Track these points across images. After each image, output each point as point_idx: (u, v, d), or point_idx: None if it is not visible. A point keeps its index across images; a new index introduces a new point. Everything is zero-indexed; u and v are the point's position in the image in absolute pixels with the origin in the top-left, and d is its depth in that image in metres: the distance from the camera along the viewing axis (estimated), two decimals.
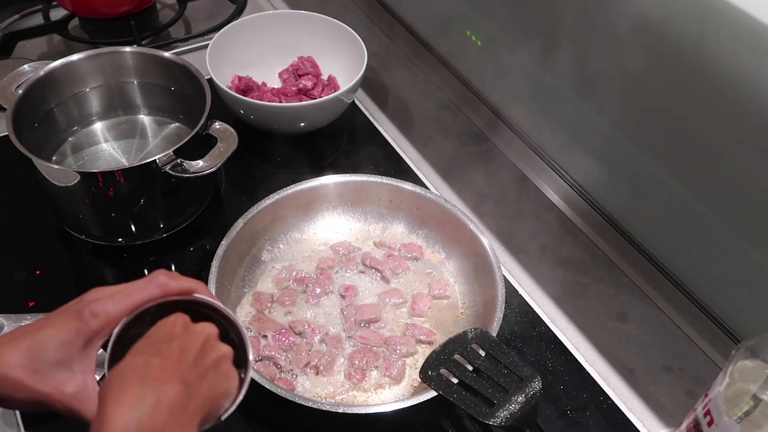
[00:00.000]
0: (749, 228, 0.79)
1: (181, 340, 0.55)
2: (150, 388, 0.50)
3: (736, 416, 0.64)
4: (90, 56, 1.04)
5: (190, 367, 0.54)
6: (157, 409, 0.50)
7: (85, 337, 0.56)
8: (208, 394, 0.55)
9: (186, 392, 0.52)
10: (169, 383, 0.51)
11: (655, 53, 0.81)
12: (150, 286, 0.58)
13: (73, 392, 0.55)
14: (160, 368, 0.52)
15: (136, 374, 0.51)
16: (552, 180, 1.08)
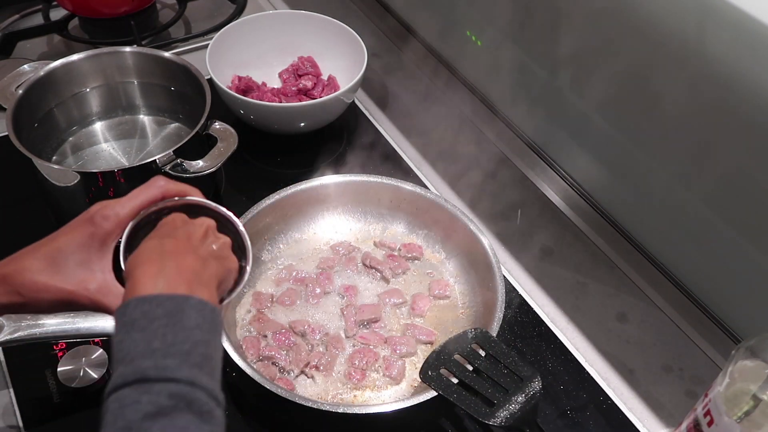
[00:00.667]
0: (749, 228, 0.79)
1: (184, 229, 0.61)
2: (168, 259, 0.56)
3: (736, 416, 0.64)
4: (90, 56, 1.04)
5: (198, 243, 0.60)
6: (179, 273, 0.55)
7: (100, 238, 0.61)
8: (218, 266, 0.60)
9: (200, 261, 0.58)
10: (183, 254, 0.57)
11: (655, 53, 0.81)
12: (151, 188, 0.64)
13: (96, 287, 0.60)
14: (174, 245, 0.58)
15: (153, 252, 0.57)
16: (552, 180, 1.08)
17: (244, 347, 0.84)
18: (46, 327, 0.78)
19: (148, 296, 0.53)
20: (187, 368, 0.50)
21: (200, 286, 0.56)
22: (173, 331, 0.51)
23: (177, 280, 0.55)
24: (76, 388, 0.81)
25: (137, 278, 0.55)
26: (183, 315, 0.52)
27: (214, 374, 0.53)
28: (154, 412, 0.48)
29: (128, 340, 0.51)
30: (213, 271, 0.59)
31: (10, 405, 0.82)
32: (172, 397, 0.48)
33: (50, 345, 0.86)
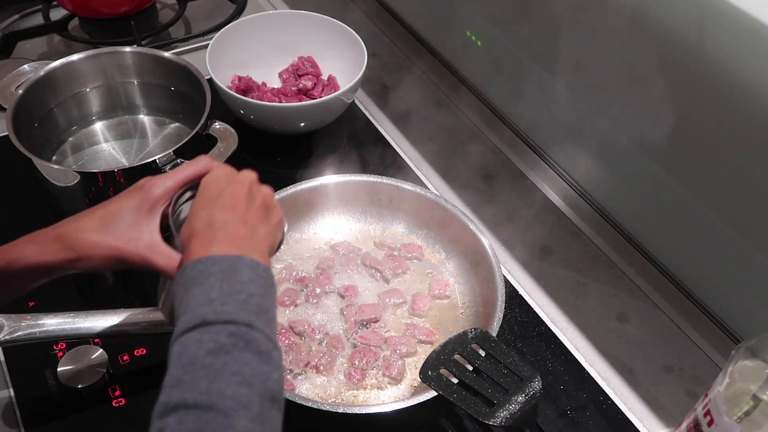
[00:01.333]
0: (749, 228, 0.79)
1: (229, 189, 0.64)
2: (219, 230, 0.60)
3: (736, 416, 0.64)
4: (90, 56, 1.04)
5: (244, 210, 0.63)
6: (231, 241, 0.59)
7: (149, 203, 0.66)
8: (265, 229, 0.64)
9: (249, 228, 0.62)
10: (231, 223, 0.61)
11: (656, 53, 0.81)
12: (197, 164, 0.69)
13: (145, 245, 0.65)
14: (223, 217, 0.61)
15: (205, 224, 0.61)
16: (552, 180, 1.08)
17: None
18: (46, 327, 0.78)
19: (203, 257, 0.57)
20: (244, 313, 0.54)
21: (251, 250, 0.59)
22: (229, 284, 0.55)
23: (229, 247, 0.58)
24: (76, 388, 0.81)
25: (192, 248, 0.59)
26: (237, 271, 0.56)
27: (270, 325, 0.56)
28: (216, 348, 0.51)
29: (187, 295, 0.55)
30: (261, 235, 0.63)
31: (10, 405, 0.82)
32: (232, 336, 0.52)
33: (50, 345, 0.86)
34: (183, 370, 0.51)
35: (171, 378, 0.51)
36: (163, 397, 0.50)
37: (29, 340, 0.77)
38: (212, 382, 0.50)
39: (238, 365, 0.51)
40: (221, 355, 0.51)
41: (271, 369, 0.53)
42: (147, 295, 0.96)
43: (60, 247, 0.64)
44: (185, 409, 0.49)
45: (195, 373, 0.50)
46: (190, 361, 0.51)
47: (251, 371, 0.51)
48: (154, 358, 0.87)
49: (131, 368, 0.86)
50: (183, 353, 0.52)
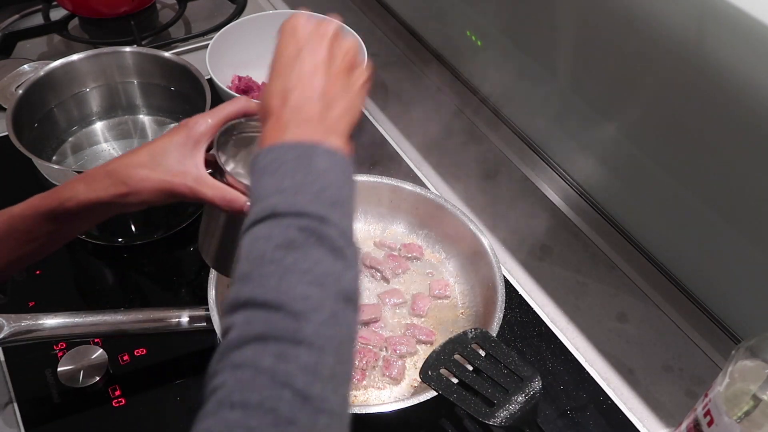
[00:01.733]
0: (749, 228, 0.79)
1: (308, 48, 0.60)
2: (294, 110, 0.57)
3: (736, 416, 0.64)
4: (90, 56, 1.04)
5: (323, 79, 0.59)
6: (306, 126, 0.56)
7: (194, 139, 0.68)
8: (346, 100, 0.60)
9: (326, 103, 0.58)
10: (307, 102, 0.57)
11: (655, 53, 0.81)
12: (235, 104, 0.70)
13: (193, 178, 0.66)
14: (298, 92, 0.58)
15: (277, 100, 0.58)
16: (552, 180, 1.08)
17: None
18: (46, 327, 0.78)
19: (277, 144, 0.55)
20: (317, 205, 0.51)
21: (330, 133, 0.56)
22: (303, 172, 0.52)
23: (304, 131, 0.56)
24: (76, 388, 0.81)
25: (266, 132, 0.57)
26: (313, 159, 0.53)
27: (346, 217, 0.52)
28: (285, 244, 0.48)
29: (259, 184, 0.53)
30: (341, 110, 0.59)
31: (10, 405, 0.82)
32: (302, 230, 0.49)
33: (50, 345, 0.86)
34: (251, 264, 0.48)
35: (240, 272, 0.49)
36: (233, 291, 0.48)
37: (29, 340, 0.77)
38: (281, 280, 0.47)
39: (309, 263, 0.48)
40: (291, 251, 0.48)
41: (345, 267, 0.49)
42: (147, 295, 0.96)
43: (111, 183, 0.66)
44: (253, 308, 0.46)
45: (263, 270, 0.48)
46: (258, 255, 0.48)
47: (323, 269, 0.48)
48: (154, 358, 0.87)
49: (131, 368, 0.86)
50: (252, 247, 0.49)
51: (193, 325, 0.82)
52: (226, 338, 0.46)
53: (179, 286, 0.97)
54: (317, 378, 0.44)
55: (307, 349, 0.45)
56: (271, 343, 0.45)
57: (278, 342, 0.45)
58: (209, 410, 0.44)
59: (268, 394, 0.43)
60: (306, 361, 0.44)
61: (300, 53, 0.60)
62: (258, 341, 0.45)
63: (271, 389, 0.43)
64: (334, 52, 0.61)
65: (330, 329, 0.46)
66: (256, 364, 0.44)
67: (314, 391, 0.44)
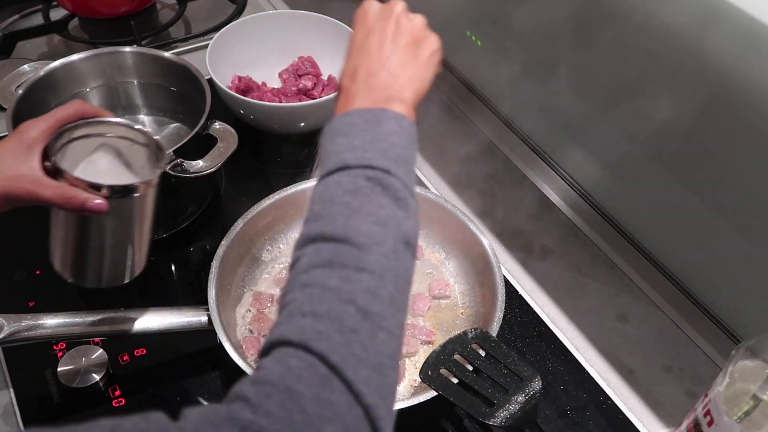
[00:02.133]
0: (749, 228, 0.79)
1: (377, 28, 0.65)
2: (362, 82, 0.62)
3: (736, 416, 0.64)
4: (90, 56, 1.04)
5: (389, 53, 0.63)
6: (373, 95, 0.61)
7: (26, 144, 0.69)
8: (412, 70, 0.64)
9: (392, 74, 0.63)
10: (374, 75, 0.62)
11: (655, 53, 0.81)
12: (69, 108, 0.72)
13: (30, 180, 0.67)
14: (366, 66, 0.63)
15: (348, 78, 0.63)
16: (552, 180, 1.08)
17: (244, 347, 0.84)
18: (46, 327, 0.78)
19: (349, 111, 0.60)
20: (384, 160, 0.56)
21: (395, 101, 0.61)
22: (372, 133, 0.58)
23: (372, 100, 0.61)
24: (76, 388, 0.81)
25: (338, 104, 0.62)
26: (381, 123, 0.59)
27: (409, 176, 0.58)
28: (354, 189, 0.54)
29: (332, 144, 0.58)
30: (407, 79, 0.63)
31: (10, 405, 0.82)
32: (370, 179, 0.55)
33: (50, 345, 0.86)
34: (322, 206, 0.54)
35: (312, 213, 0.54)
36: (304, 229, 0.54)
37: (29, 340, 0.77)
38: (349, 219, 0.52)
39: (373, 206, 0.54)
40: (358, 196, 0.54)
41: (407, 216, 0.56)
42: (147, 295, 0.96)
43: None
44: (322, 241, 0.52)
45: (333, 209, 0.53)
46: (329, 198, 0.54)
47: (386, 214, 0.54)
48: (154, 358, 0.87)
49: (131, 368, 0.86)
50: (324, 192, 0.55)
51: (193, 325, 0.82)
52: (296, 266, 0.52)
53: (179, 286, 0.97)
54: (377, 299, 0.49)
55: (369, 275, 0.50)
56: (336, 268, 0.50)
57: (343, 267, 0.50)
58: (282, 320, 0.49)
59: (335, 306, 0.48)
60: (368, 284, 0.50)
61: (369, 35, 0.65)
62: (326, 266, 0.50)
63: (337, 303, 0.48)
64: (400, 28, 0.65)
65: (390, 262, 0.52)
66: (323, 283, 0.49)
67: (374, 309, 0.49)
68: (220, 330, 0.79)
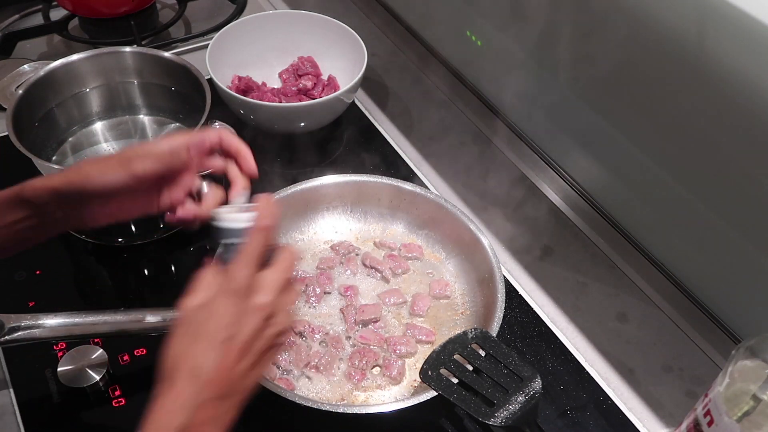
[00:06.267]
0: (749, 228, 0.79)
1: (239, 325, 0.58)
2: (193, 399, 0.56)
3: (736, 416, 0.64)
4: (90, 56, 1.04)
5: (231, 367, 0.58)
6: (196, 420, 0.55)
7: None
8: (244, 387, 0.59)
9: (223, 406, 0.57)
10: (206, 403, 0.56)
11: (655, 53, 0.81)
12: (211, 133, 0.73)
13: None
14: (201, 378, 0.56)
15: (184, 377, 0.57)
16: (552, 180, 1.08)
17: None
18: (46, 327, 0.78)
19: None
20: None
21: None
22: None
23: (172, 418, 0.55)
24: (76, 388, 0.81)
25: (158, 406, 0.56)
26: None
27: None
28: None
29: None
30: (238, 400, 0.58)
31: (10, 405, 0.82)
32: None
33: (50, 345, 0.86)
34: None
35: None
36: None
37: (29, 340, 0.77)
38: None
39: None
40: None
41: None
42: (147, 295, 0.96)
43: (122, 168, 0.68)
44: None
45: None
46: None
47: None
48: (154, 358, 0.86)
49: (131, 368, 0.86)
50: None
51: None
52: None
53: (179, 286, 0.97)
54: None
55: None
56: None
57: None
58: None
59: None
60: None
61: (229, 324, 0.58)
62: None
63: None
64: (265, 334, 0.60)
65: None
66: None
67: None
68: None
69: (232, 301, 0.59)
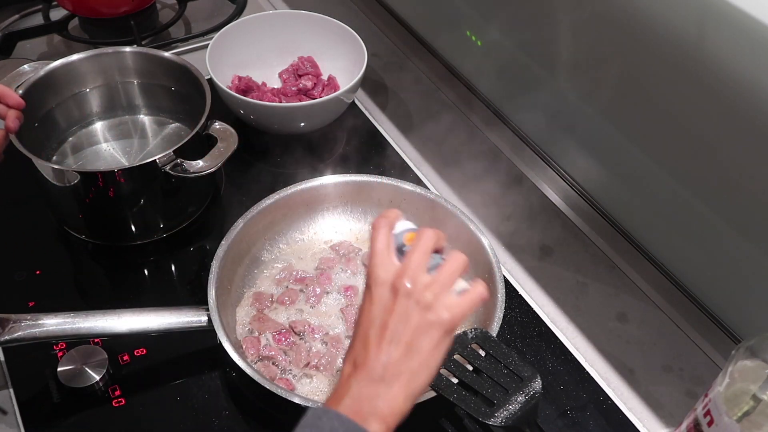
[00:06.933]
0: (749, 228, 0.79)
1: (381, 316, 0.61)
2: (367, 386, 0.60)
3: (736, 416, 0.64)
4: (90, 56, 1.04)
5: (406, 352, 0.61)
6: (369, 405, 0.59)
7: None
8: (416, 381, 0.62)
9: (377, 394, 0.60)
10: (375, 386, 0.60)
11: (656, 53, 0.81)
12: None
13: None
14: (358, 384, 0.60)
15: (372, 369, 0.60)
16: (552, 180, 1.08)
17: (244, 347, 0.84)
18: (46, 327, 0.78)
19: (339, 413, 0.58)
20: None
21: (378, 422, 0.59)
22: None
23: (358, 410, 0.59)
24: (76, 388, 0.81)
25: (345, 389, 0.60)
26: None
27: None
28: None
29: None
30: (403, 383, 0.61)
31: (10, 405, 0.82)
32: None
33: (50, 345, 0.86)
34: None
35: None
36: None
37: (29, 340, 0.77)
38: None
39: None
40: None
41: None
42: (147, 295, 0.96)
43: None
44: None
45: None
46: None
47: None
48: (154, 358, 0.87)
49: (131, 368, 0.86)
50: None
51: (193, 325, 0.82)
52: None
53: (179, 286, 0.97)
54: None
55: None
56: None
57: None
58: None
59: None
60: None
61: (371, 324, 0.62)
62: None
63: None
64: (407, 317, 0.61)
65: None
66: None
67: None
68: (220, 330, 0.79)
69: (390, 293, 0.62)
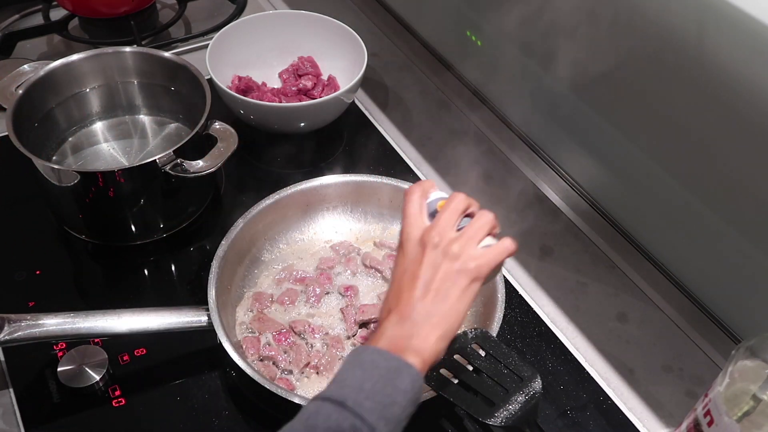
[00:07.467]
0: (749, 228, 0.79)
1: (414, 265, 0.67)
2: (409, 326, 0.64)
3: (736, 416, 0.64)
4: (90, 56, 1.04)
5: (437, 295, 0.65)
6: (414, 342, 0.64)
7: None
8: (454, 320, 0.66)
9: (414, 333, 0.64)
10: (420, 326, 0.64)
11: (656, 53, 0.81)
12: None
13: None
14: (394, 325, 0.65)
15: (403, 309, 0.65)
16: (552, 180, 1.08)
17: (244, 347, 0.84)
18: (46, 327, 0.78)
19: (380, 349, 0.62)
20: (376, 417, 0.58)
21: (416, 355, 0.63)
22: (384, 383, 0.60)
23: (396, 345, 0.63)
24: (76, 388, 0.81)
25: (381, 331, 0.65)
26: (399, 377, 0.61)
27: None
28: (335, 429, 0.57)
29: (351, 372, 0.61)
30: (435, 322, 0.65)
31: (10, 405, 0.82)
32: (353, 429, 0.57)
33: (50, 345, 0.86)
34: (304, 428, 0.57)
35: (293, 428, 0.58)
36: None
37: (29, 340, 0.77)
38: None
39: None
40: None
41: None
42: (147, 295, 0.96)
43: None
44: None
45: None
46: (312, 425, 0.57)
47: None
48: (154, 358, 0.87)
49: (131, 368, 0.86)
50: (312, 415, 0.58)
51: (193, 325, 0.82)
52: None
53: (179, 286, 0.97)
54: None
55: None
56: None
57: None
58: None
59: None
60: None
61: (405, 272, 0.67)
62: None
63: None
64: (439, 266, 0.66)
65: None
66: None
67: None
68: (220, 330, 0.79)
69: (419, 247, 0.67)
